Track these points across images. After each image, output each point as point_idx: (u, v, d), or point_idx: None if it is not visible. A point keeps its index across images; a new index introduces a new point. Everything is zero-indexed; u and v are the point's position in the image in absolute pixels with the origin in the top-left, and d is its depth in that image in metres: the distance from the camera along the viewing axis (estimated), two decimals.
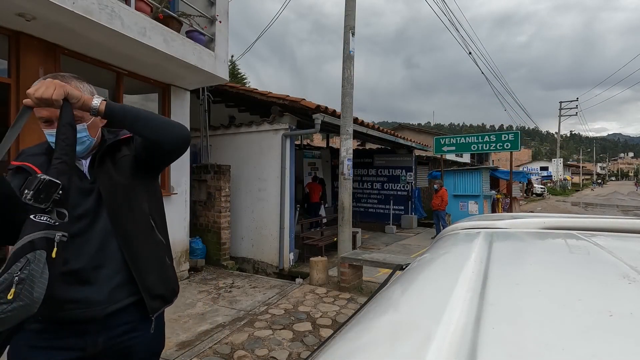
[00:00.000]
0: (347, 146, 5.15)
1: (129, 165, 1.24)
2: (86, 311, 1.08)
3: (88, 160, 1.19)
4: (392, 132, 9.70)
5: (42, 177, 0.91)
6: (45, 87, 0.99)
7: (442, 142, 11.07)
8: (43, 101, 0.99)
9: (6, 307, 0.84)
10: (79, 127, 1.10)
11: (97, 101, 1.08)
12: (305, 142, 12.42)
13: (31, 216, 0.91)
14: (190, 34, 4.35)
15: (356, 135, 7.45)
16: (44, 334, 1.06)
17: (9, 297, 0.84)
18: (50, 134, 1.09)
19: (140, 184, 1.26)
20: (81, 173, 1.17)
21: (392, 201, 10.67)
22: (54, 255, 0.92)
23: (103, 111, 1.09)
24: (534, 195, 27.22)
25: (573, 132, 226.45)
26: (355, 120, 6.77)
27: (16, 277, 0.85)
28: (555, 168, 34.91)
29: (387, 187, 10.98)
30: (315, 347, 2.14)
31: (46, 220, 0.92)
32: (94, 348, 1.10)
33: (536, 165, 47.86)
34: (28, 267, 0.87)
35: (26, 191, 0.91)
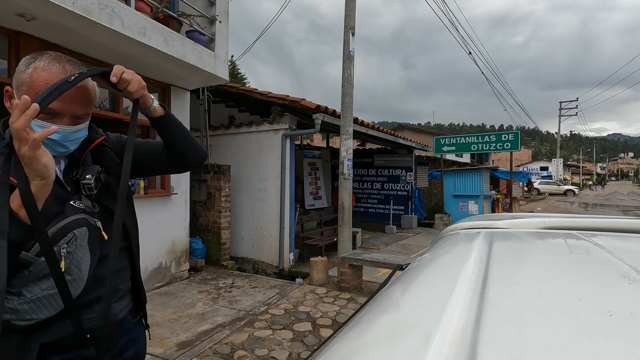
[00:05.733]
0: (347, 146, 5.15)
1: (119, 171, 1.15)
2: (101, 332, 1.00)
3: (63, 163, 1.01)
4: (392, 132, 9.70)
5: (98, 167, 0.99)
6: (132, 78, 0.98)
7: (442, 142, 11.08)
8: (125, 93, 0.98)
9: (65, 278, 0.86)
10: (84, 125, 0.98)
11: (156, 103, 1.09)
12: (305, 142, 12.42)
13: (71, 201, 0.94)
14: (190, 34, 4.35)
15: (356, 135, 7.45)
16: None
17: (62, 269, 0.86)
18: (63, 130, 0.91)
19: (128, 190, 1.21)
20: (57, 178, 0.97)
21: (392, 201, 10.67)
22: (105, 237, 0.97)
23: (161, 114, 1.10)
24: (537, 191, 27.79)
25: (573, 132, 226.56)
26: (355, 120, 6.78)
27: (64, 250, 0.87)
28: (555, 168, 34.92)
29: (387, 187, 10.98)
30: (315, 347, 2.14)
31: (84, 207, 0.95)
32: None
33: (536, 165, 47.86)
34: (75, 242, 0.90)
35: (88, 176, 0.96)
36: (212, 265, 5.96)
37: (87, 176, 0.96)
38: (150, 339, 1.26)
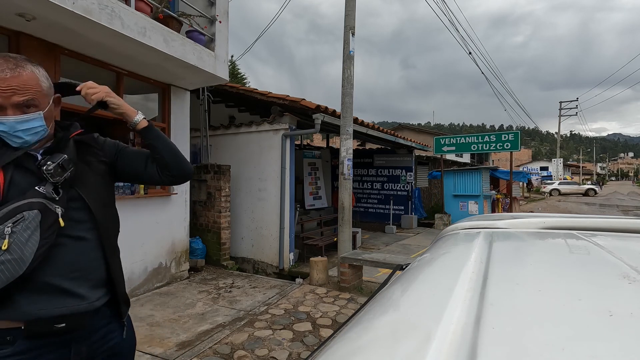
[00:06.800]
0: (347, 146, 5.15)
1: (104, 170, 1.21)
2: (75, 322, 1.05)
3: (40, 153, 1.07)
4: (392, 132, 9.70)
5: (64, 156, 1.04)
6: (92, 87, 1.16)
7: (442, 142, 11.08)
8: (87, 96, 1.16)
9: (4, 257, 0.89)
10: (34, 114, 1.01)
11: (139, 117, 1.24)
12: (305, 142, 12.42)
13: (36, 187, 0.99)
14: (190, 34, 4.35)
15: (356, 135, 7.45)
16: (27, 353, 0.98)
17: (3, 247, 0.89)
18: (7, 121, 0.98)
19: (111, 189, 1.26)
20: (30, 157, 1.04)
21: (392, 201, 10.66)
22: (62, 224, 1.00)
23: (144, 125, 1.24)
24: (558, 192, 28.45)
25: (573, 132, 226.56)
26: (355, 120, 6.78)
27: (8, 229, 0.90)
28: (555, 168, 34.92)
29: (387, 187, 10.98)
30: (315, 347, 2.14)
31: (45, 192, 0.99)
32: (79, 356, 1.07)
33: (536, 165, 47.86)
34: (22, 222, 0.92)
35: (50, 162, 1.00)
36: (212, 265, 5.96)
37: (48, 162, 1.00)
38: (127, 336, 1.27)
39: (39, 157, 1.04)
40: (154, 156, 1.25)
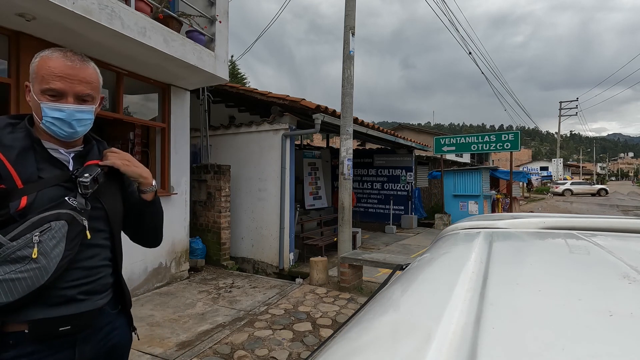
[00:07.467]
0: (347, 146, 5.15)
1: (121, 183, 1.22)
2: (80, 323, 1.04)
3: (71, 157, 1.09)
4: (392, 132, 9.70)
5: (99, 169, 1.06)
6: (124, 159, 1.15)
7: (442, 142, 11.08)
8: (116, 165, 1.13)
9: (30, 266, 0.90)
10: (89, 107, 1.06)
11: (153, 186, 1.22)
12: (305, 142, 12.42)
13: (66, 197, 1.00)
14: (190, 34, 4.35)
15: (356, 135, 7.45)
16: (31, 355, 0.97)
17: (33, 255, 0.90)
18: (56, 108, 1.00)
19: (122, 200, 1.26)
20: (63, 165, 1.05)
21: (392, 201, 10.66)
22: (88, 236, 1.02)
23: (150, 198, 1.22)
24: (570, 192, 28.78)
25: (573, 132, 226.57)
26: (355, 120, 6.78)
27: (36, 237, 0.91)
28: (555, 168, 34.93)
29: (387, 187, 10.98)
30: (315, 347, 2.14)
31: (77, 204, 1.00)
32: (82, 356, 1.06)
33: (536, 165, 47.88)
34: (49, 232, 0.93)
35: (86, 175, 1.02)
36: (212, 265, 5.96)
37: (84, 174, 1.02)
38: (139, 339, 1.29)
39: (71, 162, 1.07)
40: (137, 224, 1.25)
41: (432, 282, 0.70)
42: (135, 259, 4.45)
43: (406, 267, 1.03)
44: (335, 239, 6.30)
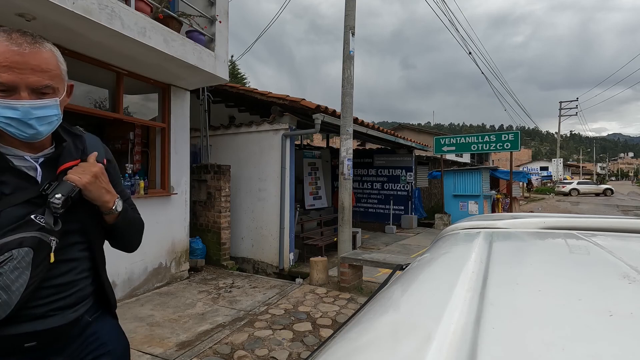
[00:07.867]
0: (347, 146, 5.15)
1: None
2: (48, 339, 0.93)
3: (39, 163, 0.93)
4: (392, 132, 9.70)
5: (75, 187, 0.92)
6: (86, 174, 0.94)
7: (442, 142, 11.09)
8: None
9: None
10: (51, 101, 0.88)
11: (119, 206, 1.03)
12: (305, 142, 12.42)
13: (32, 215, 0.86)
14: (190, 34, 4.35)
15: (356, 135, 7.45)
16: None
17: None
18: (8, 106, 0.82)
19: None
20: (29, 177, 0.90)
21: (392, 201, 10.67)
22: (52, 259, 0.88)
23: (117, 214, 1.03)
24: (577, 192, 29.28)
25: (573, 132, 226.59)
26: (355, 120, 6.77)
27: None
28: (555, 168, 34.92)
29: (387, 187, 10.98)
30: (315, 347, 2.14)
31: (44, 223, 0.87)
32: None
33: (536, 165, 47.89)
34: (10, 262, 0.80)
35: (58, 195, 0.87)
36: (212, 265, 5.96)
37: (56, 195, 0.87)
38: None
39: (39, 170, 0.92)
40: (109, 237, 1.12)
41: (432, 282, 0.70)
42: (135, 259, 4.45)
43: (406, 267, 1.03)
44: (335, 239, 6.31)
